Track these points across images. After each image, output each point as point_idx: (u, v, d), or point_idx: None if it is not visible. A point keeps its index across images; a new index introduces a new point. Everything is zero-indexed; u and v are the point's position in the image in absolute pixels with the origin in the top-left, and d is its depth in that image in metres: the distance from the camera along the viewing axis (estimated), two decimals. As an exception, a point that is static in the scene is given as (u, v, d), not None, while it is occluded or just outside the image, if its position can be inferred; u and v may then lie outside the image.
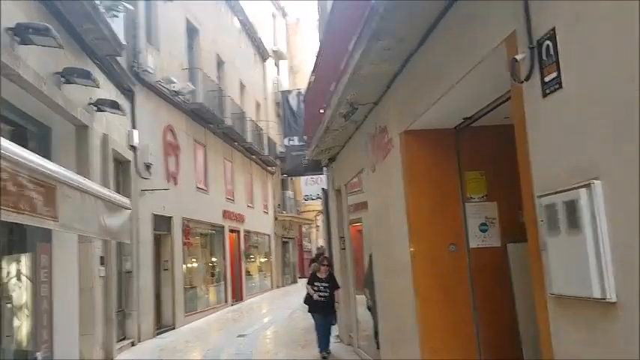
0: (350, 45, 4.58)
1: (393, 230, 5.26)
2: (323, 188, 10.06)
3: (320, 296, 7.56)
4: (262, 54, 24.56)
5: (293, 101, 9.90)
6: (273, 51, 26.61)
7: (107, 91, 9.61)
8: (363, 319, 7.65)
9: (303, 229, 31.77)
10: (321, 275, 7.61)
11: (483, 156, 4.72)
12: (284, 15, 30.32)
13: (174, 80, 12.82)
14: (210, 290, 15.99)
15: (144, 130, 11.56)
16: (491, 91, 3.86)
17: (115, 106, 8.84)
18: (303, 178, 16.64)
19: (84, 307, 8.12)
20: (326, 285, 7.58)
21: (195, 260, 15.03)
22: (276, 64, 27.86)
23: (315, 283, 7.63)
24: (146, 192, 11.33)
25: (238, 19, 20.66)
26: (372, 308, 6.49)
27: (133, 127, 11.11)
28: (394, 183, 5.07)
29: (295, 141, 9.95)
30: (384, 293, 5.89)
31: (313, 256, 12.13)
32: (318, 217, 33.23)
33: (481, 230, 4.64)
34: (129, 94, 11.07)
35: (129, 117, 11.03)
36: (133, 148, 10.99)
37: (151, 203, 11.63)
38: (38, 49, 6.63)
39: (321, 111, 6.66)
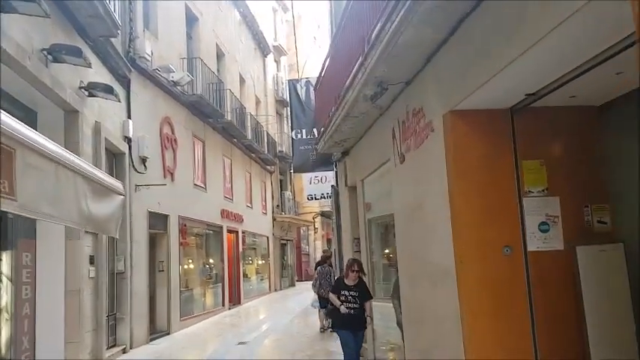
0: (388, 6, 3.86)
1: (429, 230, 4.53)
2: (333, 185, 9.33)
3: (348, 308, 5.87)
4: (263, 49, 23.83)
5: (301, 91, 9.15)
6: (274, 47, 25.88)
7: (100, 75, 8.85)
8: (382, 331, 6.90)
9: (302, 231, 30.99)
10: (350, 282, 5.97)
11: (544, 142, 4.01)
12: (285, 10, 29.58)
13: (173, 69, 12.05)
14: (207, 293, 15.20)
15: (140, 120, 10.79)
16: (570, 58, 3.14)
17: (108, 90, 8.08)
18: (306, 177, 15.87)
19: (70, 311, 7.34)
20: (356, 294, 5.91)
21: (191, 261, 14.24)
22: (276, 60, 27.13)
23: (343, 292, 5.94)
24: (141, 187, 10.55)
25: (239, 11, 19.92)
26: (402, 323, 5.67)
27: (128, 117, 10.33)
28: (433, 174, 4.34)
29: (303, 134, 9.20)
30: (412, 304, 5.14)
31: (319, 258, 11.35)
32: (316, 219, 32.50)
33: (541, 230, 3.92)
34: (124, 82, 10.29)
35: (124, 106, 10.25)
36: (127, 139, 10.21)
37: (146, 199, 10.85)
38: (22, 21, 5.87)
39: (340, 95, 5.92)
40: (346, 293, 5.90)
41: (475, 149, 3.97)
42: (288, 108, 29.25)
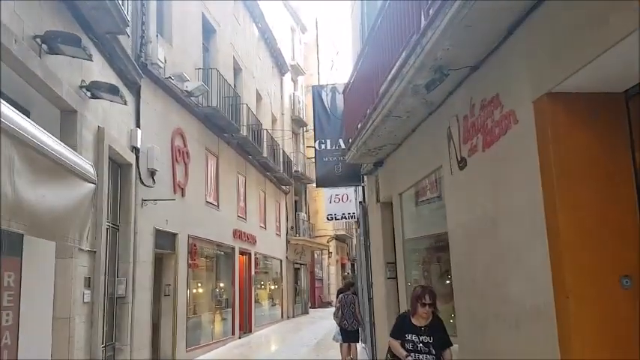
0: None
1: (507, 254, 3.49)
2: (361, 202, 8.32)
3: None
4: (281, 67, 23.19)
5: (327, 98, 8.26)
6: (291, 66, 25.26)
7: (107, 78, 8.01)
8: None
9: (316, 255, 29.82)
10: (420, 322, 4.08)
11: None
12: (303, 31, 29.13)
13: (187, 78, 11.26)
14: (216, 320, 14.09)
15: (149, 130, 9.94)
16: None
17: (113, 91, 7.22)
18: (326, 195, 14.86)
19: (59, 341, 6.33)
20: (429, 340, 4.04)
21: (200, 285, 13.20)
22: (294, 80, 26.49)
23: (409, 337, 4.07)
24: (148, 202, 9.62)
25: (257, 26, 19.32)
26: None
27: (137, 125, 9.49)
28: (516, 180, 3.32)
29: (327, 145, 8.25)
30: (478, 352, 4.01)
31: (342, 285, 10.24)
32: (330, 243, 31.33)
33: (675, 255, 2.85)
34: (133, 88, 9.48)
35: (132, 113, 9.42)
36: (135, 149, 9.34)
37: (153, 216, 9.91)
38: (12, 2, 5.07)
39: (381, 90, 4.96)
40: (414, 339, 4.01)
41: (582, 145, 2.95)
42: (305, 128, 28.65)
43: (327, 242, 30.37)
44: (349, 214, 14.19)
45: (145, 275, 9.57)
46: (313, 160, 27.21)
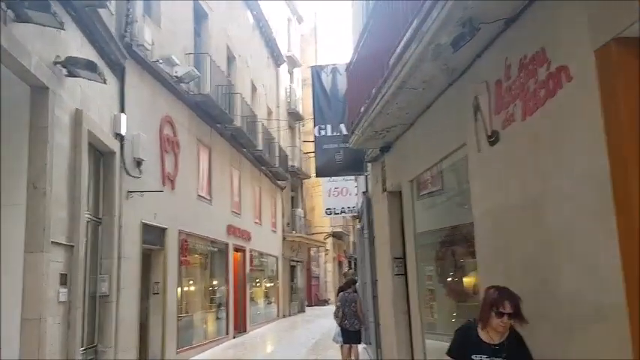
0: None
1: (556, 242, 2.84)
2: (364, 192, 7.68)
3: None
4: (276, 58, 22.49)
5: (327, 79, 7.61)
6: (287, 57, 24.56)
7: (86, 56, 7.32)
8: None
9: (312, 252, 29.18)
10: (493, 339, 2.82)
11: None
12: (299, 21, 28.43)
13: (177, 62, 10.57)
14: (209, 319, 13.43)
15: (135, 117, 9.25)
16: None
17: (91, 67, 6.53)
18: (324, 187, 14.20)
19: (28, 345, 5.66)
20: None
21: (192, 283, 12.52)
22: (290, 72, 25.80)
23: (476, 358, 2.78)
24: (134, 194, 8.94)
25: (252, 14, 18.61)
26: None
27: (122, 110, 8.79)
28: (572, 148, 2.68)
29: (328, 130, 7.59)
30: None
31: (342, 282, 9.60)
32: (327, 240, 30.70)
33: None
34: (117, 70, 8.79)
35: (116, 97, 8.73)
36: (119, 137, 8.65)
37: (139, 209, 9.23)
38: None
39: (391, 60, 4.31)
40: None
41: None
42: (301, 122, 27.97)
43: (324, 239, 29.75)
44: (349, 208, 13.54)
45: (131, 272, 8.89)
46: (310, 154, 26.69)
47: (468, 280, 4.80)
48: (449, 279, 5.04)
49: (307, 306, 26.06)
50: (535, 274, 3.07)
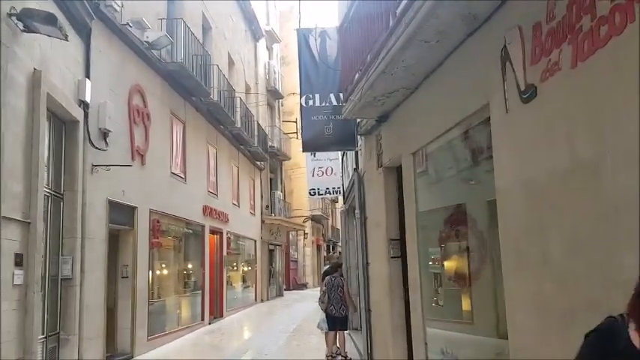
0: None
1: (614, 217, 2.28)
2: (355, 169, 7.07)
3: None
4: (254, 32, 21.53)
5: (315, 43, 6.90)
6: (266, 31, 23.60)
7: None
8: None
9: (290, 236, 28.60)
10: None
11: None
12: (279, -4, 27.40)
13: (148, 25, 9.69)
14: (183, 305, 12.74)
15: (102, 84, 8.41)
16: None
17: (50, 21, 5.72)
18: (309, 168, 13.52)
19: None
20: None
21: (165, 266, 11.79)
22: (269, 48, 24.85)
23: None
24: (99, 168, 8.13)
25: (230, -17, 17.64)
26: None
27: (87, 76, 7.94)
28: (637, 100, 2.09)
29: (316, 100, 6.90)
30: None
31: (327, 265, 9.03)
32: (306, 224, 30.15)
33: None
34: (83, 31, 7.92)
35: (81, 62, 7.87)
36: (83, 104, 7.82)
37: (106, 185, 8.44)
38: None
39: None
40: None
41: None
42: (280, 102, 27.12)
43: (303, 222, 29.18)
44: (334, 188, 12.93)
45: (96, 253, 8.13)
46: (290, 135, 25.94)
47: (476, 265, 4.26)
48: (454, 262, 4.48)
49: (285, 290, 25.56)
50: (584, 253, 2.50)
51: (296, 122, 25.11)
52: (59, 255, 7.27)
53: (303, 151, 9.02)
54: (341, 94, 7.03)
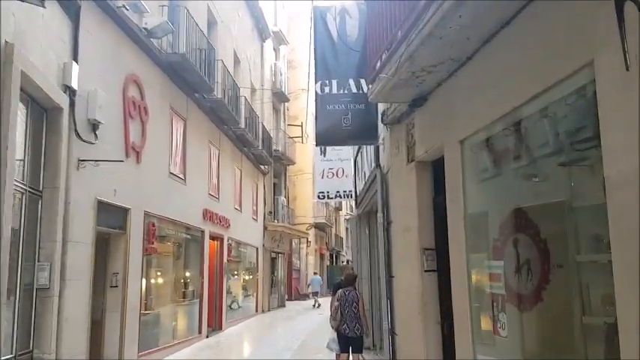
0: None
1: None
2: (378, 165, 6.12)
3: None
4: (261, 31, 20.71)
5: (333, 23, 6.00)
6: (274, 32, 22.79)
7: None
8: None
9: (293, 244, 27.59)
10: None
11: None
12: (287, -3, 26.65)
13: (147, 9, 8.82)
14: (179, 316, 11.76)
15: (92, 69, 7.53)
16: None
17: (21, -19, 4.82)
18: (317, 169, 12.55)
19: None
20: None
21: (160, 274, 10.83)
22: (275, 49, 24.02)
23: None
24: (86, 163, 7.22)
25: (237, -22, 16.84)
26: None
27: (74, 58, 7.05)
28: None
29: (333, 87, 5.99)
30: None
31: (340, 278, 8.03)
32: (309, 231, 29.16)
33: None
34: (71, 9, 7.04)
35: (67, 42, 6.99)
36: (69, 90, 6.92)
37: (94, 183, 7.52)
38: None
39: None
40: None
41: None
42: (286, 105, 26.21)
43: (307, 230, 28.20)
44: (345, 192, 11.95)
45: (81, 260, 7.19)
46: (296, 139, 25.00)
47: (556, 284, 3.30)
48: (523, 281, 3.52)
49: (287, 300, 24.50)
50: None
51: (301, 126, 24.27)
52: (34, 260, 6.33)
53: (316, 145, 8.09)
54: (362, 81, 6.12)
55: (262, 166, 19.98)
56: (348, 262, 9.69)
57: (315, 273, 26.07)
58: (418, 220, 4.76)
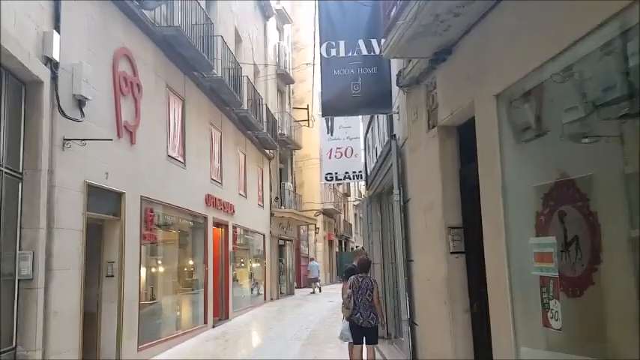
0: None
1: None
2: (393, 135, 5.45)
3: None
4: (264, 9, 19.93)
5: (340, -22, 5.30)
6: (277, 10, 21.98)
7: None
8: None
9: (301, 231, 27.04)
10: None
11: None
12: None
13: (136, -24, 8.14)
14: (182, 306, 11.24)
15: (76, 40, 6.90)
16: None
17: None
18: (324, 148, 11.86)
19: None
20: None
21: (161, 262, 10.29)
22: (279, 29, 23.22)
23: None
24: (72, 143, 6.61)
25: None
26: None
27: (55, 27, 6.41)
28: None
29: (340, 49, 5.29)
30: None
31: (352, 264, 7.42)
32: (317, 217, 28.59)
33: None
34: (50, -27, 6.38)
35: (48, 10, 6.34)
36: (51, 63, 6.29)
37: (82, 165, 6.92)
38: None
39: None
40: None
41: None
42: (290, 87, 25.46)
43: (314, 216, 27.62)
44: (354, 172, 11.26)
45: (69, 248, 6.62)
46: (302, 122, 24.28)
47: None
48: (571, 261, 2.87)
49: (296, 287, 24.03)
50: None
51: (307, 109, 23.52)
52: (14, 249, 5.77)
53: (322, 116, 7.43)
54: (373, 41, 5.43)
55: (267, 151, 19.34)
56: (362, 248, 9.07)
57: (311, 259, 25.52)
58: (442, 194, 4.11)
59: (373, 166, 7.99)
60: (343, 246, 37.94)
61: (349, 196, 38.27)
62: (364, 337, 6.49)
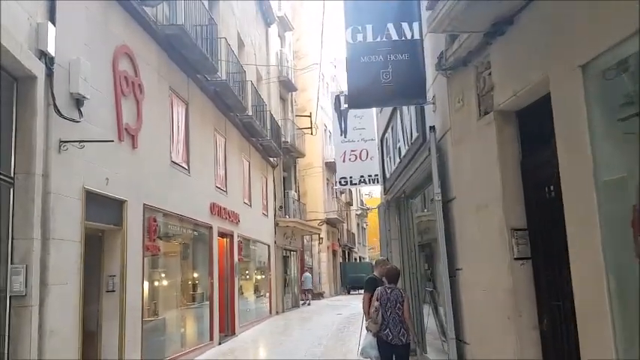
0: None
1: None
2: (431, 126, 4.87)
3: None
4: (266, 15, 19.49)
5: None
6: (279, 17, 21.56)
7: None
8: None
9: (305, 241, 26.37)
10: None
11: None
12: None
13: (138, -31, 7.63)
14: (187, 322, 10.58)
15: (74, 35, 6.36)
16: None
17: None
18: (338, 151, 11.23)
19: None
20: None
21: (165, 275, 9.66)
22: (280, 36, 22.78)
23: None
24: (69, 145, 6.03)
25: (239, -45, 15.61)
26: None
27: (50, 19, 5.86)
28: None
29: (368, 34, 4.74)
30: None
31: (373, 274, 6.78)
32: (321, 227, 27.94)
33: None
34: (45, -38, 5.85)
35: (42, 0, 5.78)
36: (46, 57, 5.73)
37: (81, 170, 6.34)
38: None
39: None
40: None
41: None
42: (292, 95, 24.93)
43: (319, 226, 26.98)
44: (370, 176, 10.68)
45: (67, 261, 6.01)
46: (305, 130, 23.75)
47: None
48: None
49: (302, 302, 23.30)
50: None
51: (310, 116, 23.02)
52: (6, 263, 5.15)
53: (349, 107, 6.82)
54: (403, 25, 4.88)
55: (271, 159, 18.78)
56: (386, 258, 8.45)
57: (305, 270, 24.94)
58: (502, 191, 3.53)
59: (395, 168, 7.41)
60: (347, 256, 37.25)
61: (352, 205, 37.65)
62: (394, 356, 5.85)
